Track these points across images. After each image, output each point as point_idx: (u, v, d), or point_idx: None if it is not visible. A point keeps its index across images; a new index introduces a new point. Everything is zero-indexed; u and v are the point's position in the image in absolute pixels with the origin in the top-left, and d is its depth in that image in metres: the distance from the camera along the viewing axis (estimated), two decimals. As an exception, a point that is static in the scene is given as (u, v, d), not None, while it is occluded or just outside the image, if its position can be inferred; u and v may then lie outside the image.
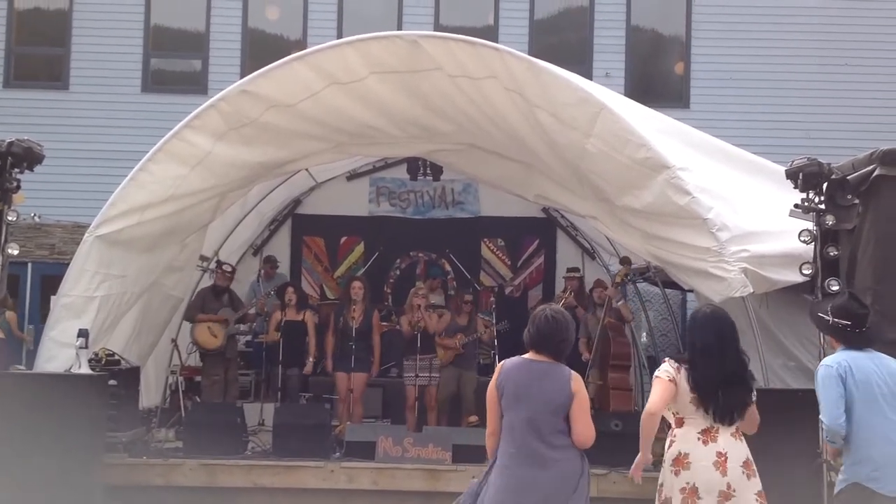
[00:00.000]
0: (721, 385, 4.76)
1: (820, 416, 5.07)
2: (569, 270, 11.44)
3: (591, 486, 4.88)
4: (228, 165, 8.51)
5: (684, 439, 4.77)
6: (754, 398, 4.87)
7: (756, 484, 4.76)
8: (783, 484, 6.30)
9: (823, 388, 5.05)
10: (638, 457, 4.90)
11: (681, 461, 4.71)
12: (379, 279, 12.97)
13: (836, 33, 14.33)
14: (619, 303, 10.24)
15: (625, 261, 10.18)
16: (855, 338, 5.18)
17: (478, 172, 10.46)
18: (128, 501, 7.77)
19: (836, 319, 5.21)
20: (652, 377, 4.98)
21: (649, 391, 11.93)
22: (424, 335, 10.00)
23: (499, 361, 9.71)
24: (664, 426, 4.97)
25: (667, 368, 4.88)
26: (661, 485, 4.81)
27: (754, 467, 4.78)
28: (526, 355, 4.89)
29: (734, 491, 4.63)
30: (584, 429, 4.74)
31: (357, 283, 10.16)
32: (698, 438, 4.74)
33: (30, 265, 13.50)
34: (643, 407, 5.12)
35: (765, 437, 4.89)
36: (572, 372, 4.86)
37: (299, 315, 10.55)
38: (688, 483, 4.66)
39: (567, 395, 4.73)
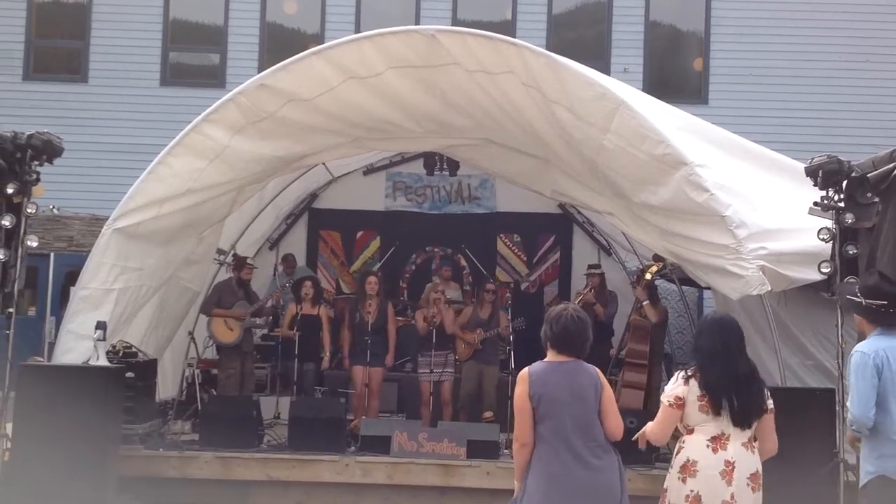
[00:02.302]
0: (734, 387, 4.66)
1: (847, 404, 5.01)
2: (590, 267, 11.29)
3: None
4: (246, 159, 8.53)
5: (693, 446, 4.68)
6: (770, 407, 4.75)
7: (759, 499, 4.65)
8: (800, 483, 6.28)
9: (858, 376, 4.97)
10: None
11: (688, 468, 4.63)
12: (395, 274, 13.00)
13: (857, 29, 14.22)
14: (645, 303, 10.01)
15: (657, 257, 10.01)
16: (888, 317, 5.13)
17: (494, 168, 10.44)
18: (143, 493, 7.81)
19: (868, 300, 5.16)
20: (667, 374, 4.93)
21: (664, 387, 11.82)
22: (440, 330, 10.01)
23: (514, 357, 9.84)
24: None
25: (671, 388, 4.79)
26: (666, 489, 4.76)
27: (761, 482, 4.66)
28: (550, 357, 4.81)
29: (736, 501, 4.54)
30: (616, 421, 4.76)
31: (372, 278, 10.17)
32: (707, 446, 4.63)
33: (52, 256, 13.57)
34: (656, 405, 5.08)
35: (782, 437, 4.83)
36: (594, 367, 4.87)
37: (314, 309, 10.59)
38: (692, 491, 4.59)
39: (599, 392, 4.74)
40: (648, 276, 10.10)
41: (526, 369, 4.81)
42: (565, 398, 4.67)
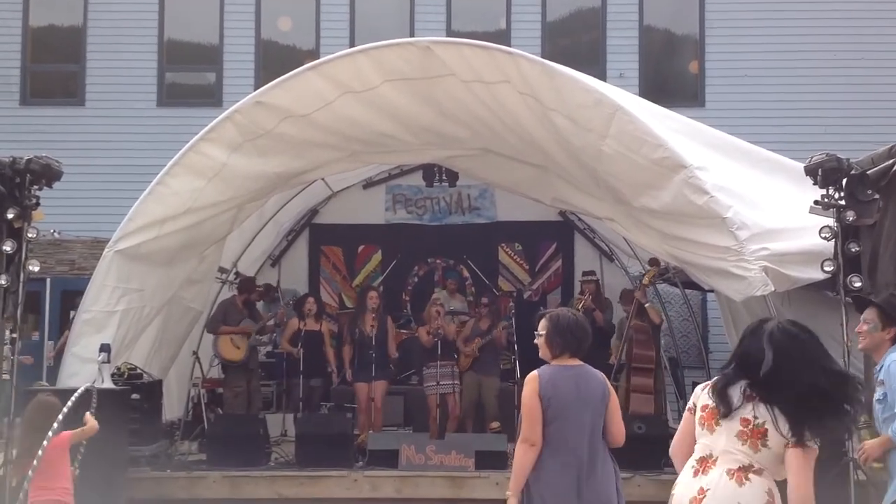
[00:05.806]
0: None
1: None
2: (584, 274, 11.37)
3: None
4: (245, 177, 8.53)
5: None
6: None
7: None
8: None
9: None
10: None
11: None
12: (397, 287, 13.00)
13: (851, 27, 14.23)
14: (647, 304, 10.16)
15: (653, 262, 10.07)
16: None
17: (494, 177, 10.44)
18: (152, 515, 7.80)
19: None
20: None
21: (672, 393, 11.89)
22: (444, 342, 9.99)
23: (519, 366, 9.83)
24: None
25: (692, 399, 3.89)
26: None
27: None
28: (556, 362, 4.79)
29: None
30: (620, 428, 4.77)
31: (373, 293, 10.19)
32: (692, 467, 3.70)
33: (49, 280, 13.54)
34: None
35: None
36: (601, 373, 4.87)
37: (317, 325, 10.60)
38: None
39: (607, 398, 4.74)
40: (647, 281, 10.15)
41: (535, 372, 4.80)
42: (574, 402, 4.67)
